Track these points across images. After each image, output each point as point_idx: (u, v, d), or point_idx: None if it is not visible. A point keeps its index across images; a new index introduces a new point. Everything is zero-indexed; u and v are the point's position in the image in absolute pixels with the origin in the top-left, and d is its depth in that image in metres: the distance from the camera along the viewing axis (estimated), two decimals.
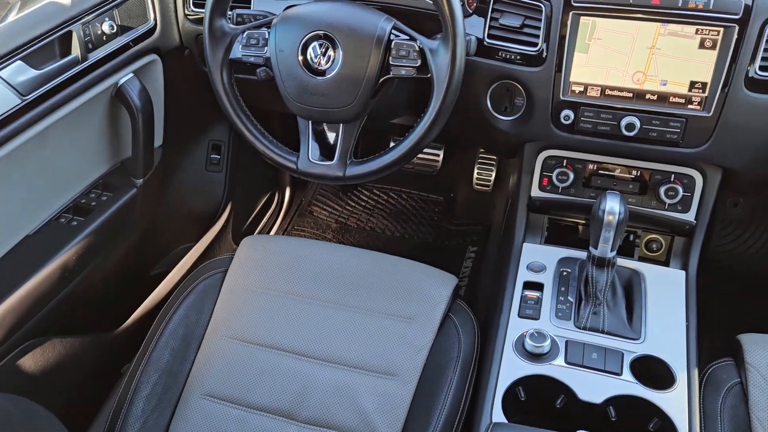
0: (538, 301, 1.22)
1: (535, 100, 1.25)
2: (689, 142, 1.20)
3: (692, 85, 1.16)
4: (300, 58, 1.16)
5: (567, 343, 1.14)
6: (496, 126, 1.32)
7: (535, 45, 1.22)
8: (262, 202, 2.15)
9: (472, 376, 1.14)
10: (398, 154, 1.18)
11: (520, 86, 1.26)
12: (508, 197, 1.70)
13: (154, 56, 1.47)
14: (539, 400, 1.08)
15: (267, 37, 1.18)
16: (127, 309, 1.63)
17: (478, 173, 1.94)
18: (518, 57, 1.23)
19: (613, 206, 1.11)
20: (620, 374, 1.09)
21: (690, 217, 1.31)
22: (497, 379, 1.10)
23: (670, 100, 1.18)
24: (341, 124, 1.20)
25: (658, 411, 1.04)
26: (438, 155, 2.01)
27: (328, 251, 1.32)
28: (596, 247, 1.16)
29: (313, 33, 1.15)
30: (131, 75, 1.38)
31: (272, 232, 2.18)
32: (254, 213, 2.10)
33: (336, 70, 1.15)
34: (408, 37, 1.14)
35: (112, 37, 1.32)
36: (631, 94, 1.19)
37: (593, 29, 1.17)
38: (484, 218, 2.10)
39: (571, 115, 1.24)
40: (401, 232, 2.15)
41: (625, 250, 1.37)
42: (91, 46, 1.27)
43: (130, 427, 1.09)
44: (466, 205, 2.15)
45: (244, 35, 1.19)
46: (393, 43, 1.13)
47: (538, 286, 1.26)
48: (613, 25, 1.16)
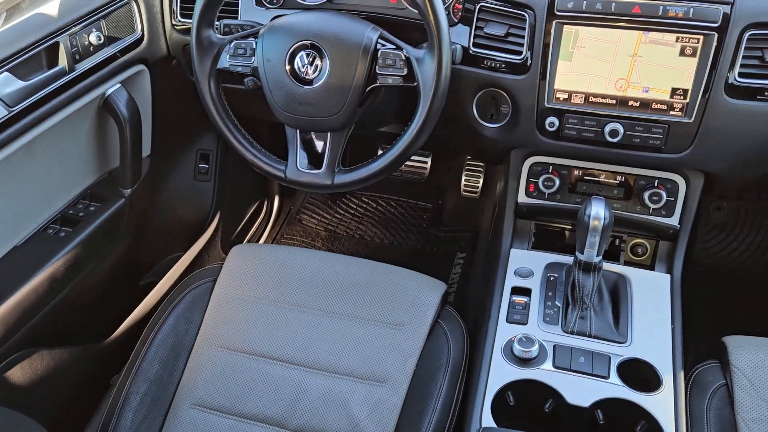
0: (526, 307, 1.23)
1: (520, 107, 1.27)
2: (672, 148, 1.22)
3: (674, 91, 1.18)
4: (287, 67, 1.17)
5: (555, 347, 1.15)
6: (482, 133, 1.34)
7: (519, 53, 1.23)
8: (251, 211, 2.15)
9: (461, 381, 1.15)
10: (386, 162, 1.19)
11: (505, 94, 1.27)
12: (495, 203, 1.71)
13: (141, 66, 1.47)
14: (528, 404, 1.09)
15: (254, 47, 1.19)
16: (116, 319, 1.62)
17: (465, 180, 1.95)
18: (503, 65, 1.25)
19: (598, 211, 1.13)
20: (607, 378, 1.10)
21: (674, 221, 1.32)
22: (486, 384, 1.11)
23: (653, 107, 1.20)
24: (329, 133, 1.21)
25: (645, 413, 1.05)
26: (426, 162, 2.03)
27: (318, 259, 1.32)
28: (582, 252, 1.17)
29: (300, 43, 1.16)
30: (118, 85, 1.38)
31: (261, 240, 2.17)
32: (243, 222, 2.10)
33: (323, 79, 1.16)
34: (394, 47, 1.16)
35: (99, 47, 1.32)
36: (614, 101, 1.21)
37: (576, 38, 1.19)
38: (472, 224, 2.11)
39: (556, 122, 1.25)
40: (390, 240, 2.15)
41: (611, 254, 1.38)
42: (78, 57, 1.27)
43: None
44: (454, 211, 2.16)
45: (232, 45, 1.20)
46: (379, 52, 1.14)
47: (526, 292, 1.27)
48: (595, 33, 1.18)
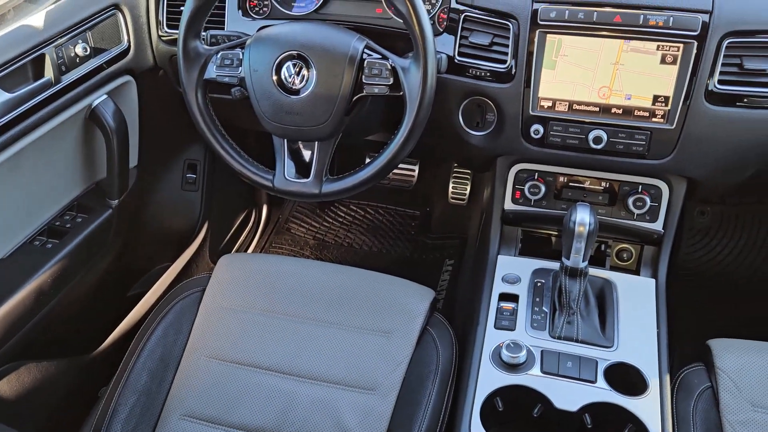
0: (514, 313, 1.24)
1: (505, 115, 1.28)
2: (654, 154, 1.24)
3: (655, 98, 1.19)
4: (274, 77, 1.17)
5: (542, 352, 1.16)
6: (468, 141, 1.35)
7: (504, 62, 1.24)
8: (239, 221, 2.14)
9: (450, 388, 1.15)
10: (373, 170, 1.20)
11: (490, 102, 1.29)
12: (482, 210, 1.72)
13: (128, 77, 1.47)
14: (517, 410, 1.10)
15: (241, 57, 1.19)
16: (103, 331, 1.61)
17: (453, 187, 1.96)
18: (488, 74, 1.26)
19: (583, 217, 1.14)
20: (595, 382, 1.11)
21: (658, 226, 1.34)
22: (475, 391, 1.11)
23: (635, 114, 1.22)
24: (316, 142, 1.22)
25: (632, 417, 1.06)
26: (413, 170, 2.04)
27: (306, 268, 1.33)
28: (568, 258, 1.18)
29: (286, 53, 1.16)
30: (105, 96, 1.38)
31: (250, 250, 2.17)
32: (231, 231, 2.10)
33: (310, 89, 1.16)
34: (380, 56, 1.17)
35: (85, 59, 1.32)
36: (597, 109, 1.23)
37: (559, 46, 1.20)
38: (460, 231, 2.12)
39: (541, 129, 1.27)
40: (379, 247, 2.16)
41: (597, 260, 1.40)
42: (64, 68, 1.27)
43: None
44: (442, 218, 2.17)
45: (218, 56, 1.20)
46: (366, 62, 1.15)
47: (514, 298, 1.28)
48: (578, 42, 1.19)
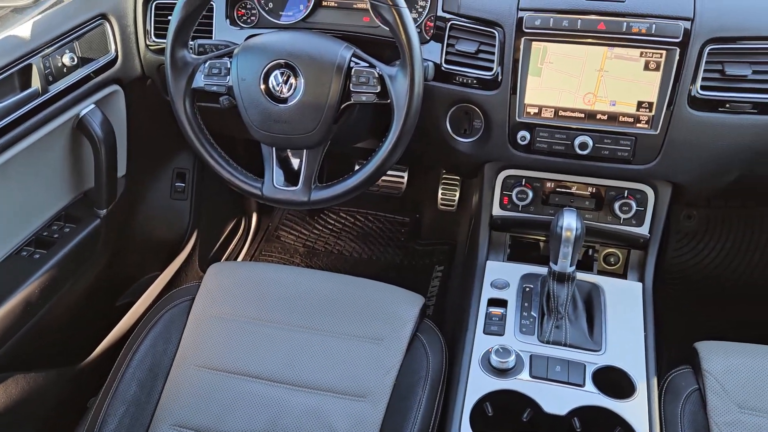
0: (503, 318, 1.25)
1: (492, 122, 1.29)
2: (639, 159, 1.25)
3: (639, 104, 1.21)
4: (262, 86, 1.18)
5: (531, 357, 1.17)
6: (456, 148, 1.36)
7: (490, 69, 1.26)
8: (229, 229, 2.14)
9: (440, 393, 1.16)
10: (361, 178, 1.20)
11: (477, 109, 1.30)
12: (471, 216, 1.73)
13: (116, 87, 1.47)
14: (506, 414, 1.10)
15: (229, 66, 1.20)
16: (92, 341, 1.60)
17: (442, 193, 1.97)
18: (475, 81, 1.27)
19: (570, 222, 1.15)
20: (583, 386, 1.12)
21: (644, 230, 1.36)
22: (464, 396, 1.12)
23: (620, 120, 1.23)
24: (305, 150, 1.22)
25: (620, 420, 1.07)
26: (403, 177, 2.05)
27: (296, 275, 1.33)
28: (556, 263, 1.19)
29: (274, 62, 1.17)
30: (93, 106, 1.38)
31: (240, 258, 2.17)
32: (221, 240, 2.09)
33: (298, 97, 1.17)
34: (367, 65, 1.17)
35: (72, 69, 1.32)
36: (582, 115, 1.24)
37: (545, 54, 1.22)
38: (449, 237, 2.13)
39: (527, 135, 1.28)
40: (369, 254, 2.16)
41: (585, 264, 1.41)
42: (51, 78, 1.27)
43: None
44: (431, 225, 2.18)
45: (206, 65, 1.21)
46: (353, 70, 1.16)
47: (502, 303, 1.28)
48: (563, 49, 1.21)
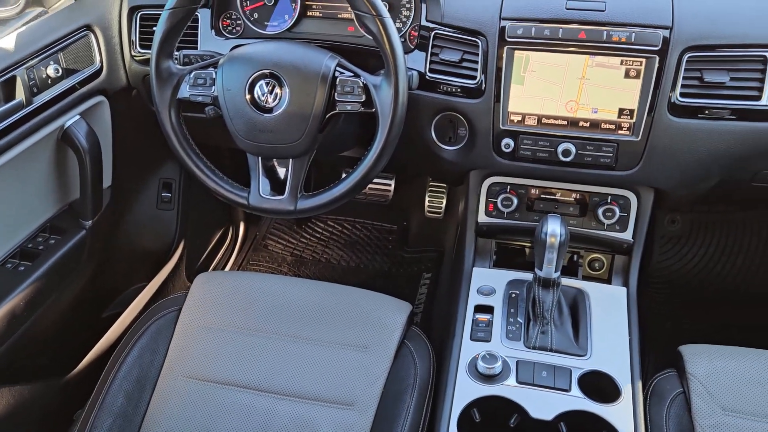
0: (489, 324, 1.26)
1: (476, 130, 1.31)
2: (622, 166, 1.27)
3: (621, 112, 1.23)
4: (247, 96, 1.18)
5: (518, 363, 1.17)
6: (441, 156, 1.37)
7: (474, 78, 1.27)
8: (216, 238, 2.14)
9: (428, 401, 1.16)
10: (347, 187, 1.21)
11: (462, 117, 1.31)
12: (458, 223, 1.74)
13: (101, 97, 1.47)
14: (493, 420, 1.10)
15: (214, 76, 1.20)
16: (79, 353, 1.59)
17: (429, 201, 1.98)
18: (459, 90, 1.28)
19: (554, 229, 1.16)
20: (569, 390, 1.13)
21: (627, 236, 1.37)
22: (452, 403, 1.12)
23: (602, 127, 1.25)
24: (290, 159, 1.23)
25: (606, 424, 1.08)
26: (389, 185, 2.05)
27: (282, 285, 1.33)
28: (541, 269, 1.20)
29: (259, 72, 1.17)
30: (78, 117, 1.38)
31: (227, 267, 2.16)
32: (208, 249, 2.09)
33: (283, 107, 1.17)
34: (352, 74, 1.18)
35: (57, 80, 1.32)
36: (565, 122, 1.26)
37: (527, 62, 1.23)
38: (437, 244, 2.14)
39: (511, 143, 1.29)
40: (357, 262, 2.17)
41: (569, 270, 1.42)
42: (36, 89, 1.27)
43: None
44: (419, 232, 2.19)
45: (191, 75, 1.21)
46: (338, 79, 1.17)
47: (489, 309, 1.29)
48: (545, 58, 1.22)
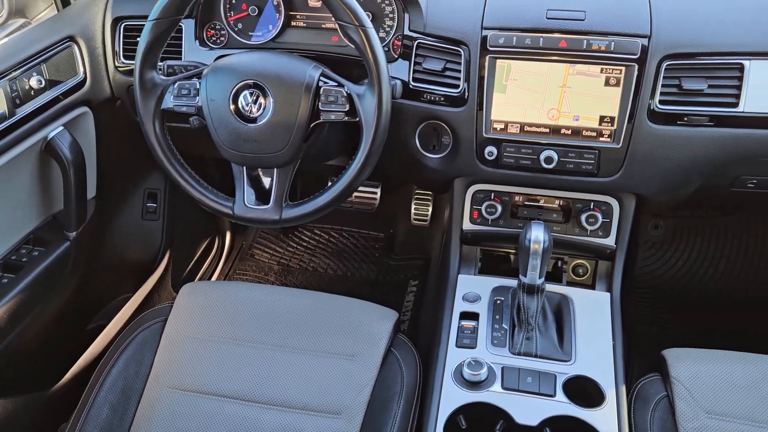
0: (474, 331, 1.26)
1: (460, 138, 1.32)
2: (603, 172, 1.28)
3: (602, 119, 1.24)
4: (231, 106, 1.18)
5: (503, 369, 1.18)
6: (425, 164, 1.38)
7: (457, 87, 1.28)
8: (202, 248, 2.13)
9: (415, 408, 1.16)
10: (332, 195, 1.21)
11: (445, 126, 1.32)
12: (443, 231, 1.75)
13: (84, 108, 1.46)
14: (479, 427, 1.11)
15: (198, 87, 1.20)
16: (63, 365, 1.58)
17: (415, 208, 1.99)
18: (442, 98, 1.30)
19: (537, 235, 1.18)
20: (554, 396, 1.14)
21: (610, 241, 1.39)
22: (438, 410, 1.13)
23: (583, 134, 1.26)
24: (275, 169, 1.23)
25: (591, 429, 1.08)
26: (375, 193, 2.06)
27: (268, 294, 1.33)
28: (525, 275, 1.21)
29: (243, 82, 1.18)
30: (61, 128, 1.37)
31: (213, 277, 2.16)
32: (194, 259, 2.08)
33: (267, 117, 1.18)
34: (336, 84, 1.19)
35: (40, 91, 1.31)
36: (547, 130, 1.27)
37: (509, 71, 1.25)
38: (423, 252, 2.14)
39: (495, 151, 1.30)
40: (343, 271, 2.17)
41: (554, 276, 1.44)
42: (18, 101, 1.26)
43: None
44: (405, 240, 2.19)
45: (176, 86, 1.21)
46: (322, 89, 1.17)
47: (474, 316, 1.30)
48: (526, 66, 1.24)
